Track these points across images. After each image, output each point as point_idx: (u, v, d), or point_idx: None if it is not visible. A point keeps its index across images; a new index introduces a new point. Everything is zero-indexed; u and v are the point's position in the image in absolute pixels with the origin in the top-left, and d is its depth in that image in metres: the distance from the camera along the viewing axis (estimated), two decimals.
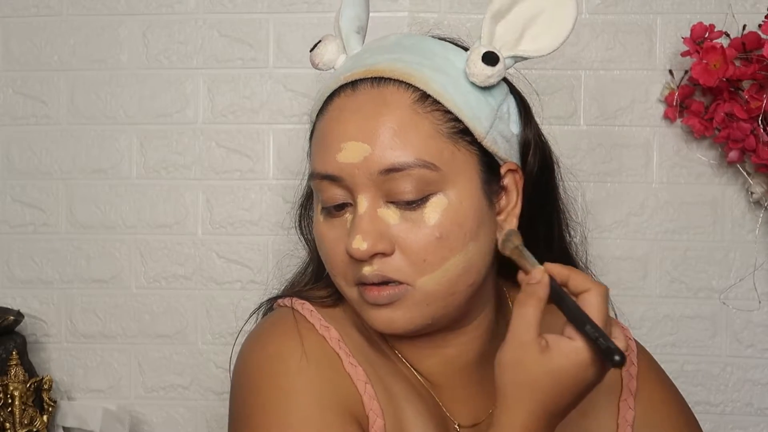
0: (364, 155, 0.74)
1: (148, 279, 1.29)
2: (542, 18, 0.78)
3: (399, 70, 0.76)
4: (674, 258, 1.26)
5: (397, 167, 0.73)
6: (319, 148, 0.78)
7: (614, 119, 1.25)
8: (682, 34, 1.19)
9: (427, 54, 0.79)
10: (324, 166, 0.76)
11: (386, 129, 0.74)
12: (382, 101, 0.75)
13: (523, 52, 0.78)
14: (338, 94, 0.78)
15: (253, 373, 0.78)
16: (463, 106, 0.76)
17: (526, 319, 0.67)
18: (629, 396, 0.85)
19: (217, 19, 1.27)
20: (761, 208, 1.23)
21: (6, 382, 1.17)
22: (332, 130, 0.77)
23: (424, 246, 0.74)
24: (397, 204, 0.74)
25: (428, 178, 0.74)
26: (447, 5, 1.26)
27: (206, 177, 1.28)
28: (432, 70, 0.77)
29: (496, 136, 0.78)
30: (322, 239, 0.79)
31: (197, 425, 1.29)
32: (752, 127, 1.14)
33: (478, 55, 0.77)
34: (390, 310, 0.76)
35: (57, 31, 1.28)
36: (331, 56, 0.83)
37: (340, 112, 0.77)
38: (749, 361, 1.26)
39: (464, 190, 0.76)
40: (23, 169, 1.29)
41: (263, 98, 1.27)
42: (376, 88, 0.76)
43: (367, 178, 0.74)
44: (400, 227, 0.74)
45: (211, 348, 1.28)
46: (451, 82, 0.76)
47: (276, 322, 0.83)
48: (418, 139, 0.74)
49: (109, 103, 1.28)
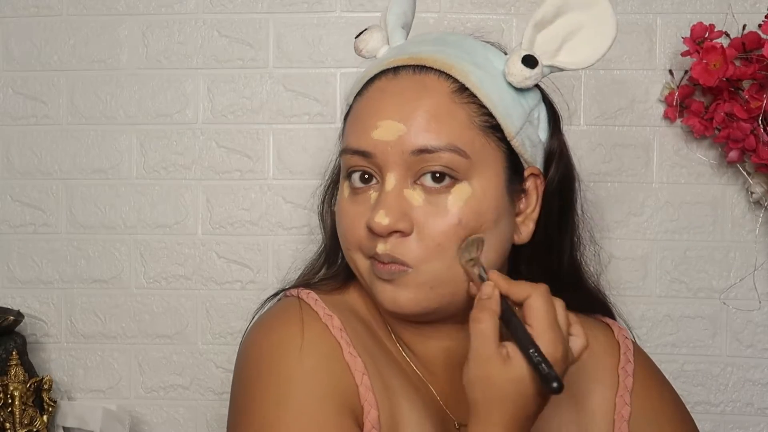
0: (399, 134, 0.76)
1: (148, 279, 1.29)
2: (582, 33, 0.80)
3: (441, 60, 0.79)
4: (674, 258, 1.26)
5: (429, 149, 0.76)
6: (355, 124, 0.81)
7: (614, 119, 1.25)
8: (682, 34, 1.19)
9: (468, 50, 0.82)
10: (358, 142, 0.79)
11: (423, 112, 0.77)
12: (423, 87, 0.78)
13: (560, 63, 0.81)
14: (379, 78, 0.81)
15: (255, 359, 0.79)
16: (498, 103, 0.79)
17: (485, 335, 0.68)
18: (625, 392, 0.86)
19: (217, 19, 1.27)
20: (761, 208, 1.23)
21: (6, 382, 1.17)
22: (370, 109, 0.79)
23: (443, 231, 0.76)
24: (422, 186, 0.77)
25: (457, 164, 0.76)
26: (447, 5, 1.26)
27: (206, 177, 1.28)
28: (472, 65, 0.79)
29: (524, 138, 0.81)
30: (344, 214, 0.81)
31: (197, 425, 1.29)
32: (752, 127, 1.14)
33: (519, 56, 0.80)
34: (394, 288, 0.78)
35: (57, 31, 1.28)
36: (375, 44, 0.86)
37: (380, 93, 0.80)
38: (749, 361, 1.26)
39: (489, 182, 0.78)
40: (23, 169, 1.29)
41: (263, 98, 1.28)
42: (418, 74, 0.79)
43: (398, 156, 0.76)
44: (423, 209, 0.76)
45: (211, 348, 1.28)
46: (488, 78, 0.79)
47: (280, 311, 0.84)
48: (452, 126, 0.77)
49: (109, 103, 1.28)
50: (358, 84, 0.83)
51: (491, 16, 1.25)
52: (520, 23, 1.25)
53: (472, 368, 0.69)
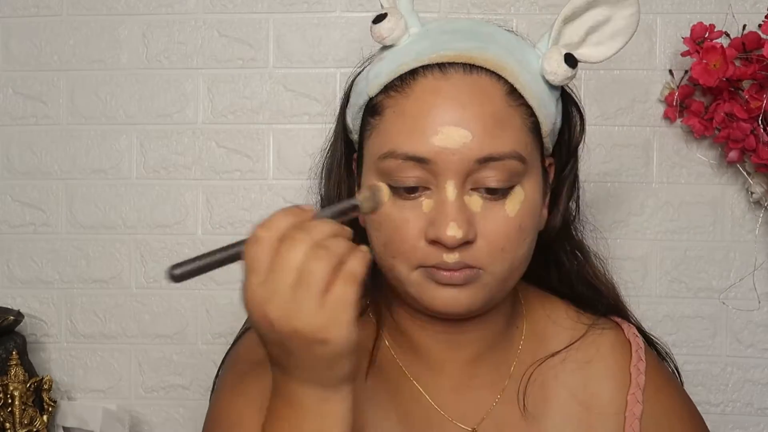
0: (464, 141, 0.74)
1: (148, 279, 1.29)
2: (607, 26, 0.81)
3: (491, 60, 0.77)
4: (674, 258, 1.26)
5: (495, 156, 0.75)
6: (406, 127, 0.76)
7: (614, 119, 1.25)
8: (682, 34, 1.19)
9: (508, 46, 0.80)
10: (414, 147, 0.75)
11: (485, 118, 0.75)
12: (479, 89, 0.76)
13: (580, 56, 0.81)
14: (423, 74, 0.77)
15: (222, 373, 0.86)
16: (540, 103, 0.79)
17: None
18: (638, 390, 0.86)
19: (217, 19, 1.27)
20: (761, 208, 1.23)
21: (6, 382, 1.17)
22: (425, 112, 0.75)
23: (506, 236, 0.76)
24: (479, 192, 0.76)
25: (516, 170, 0.76)
26: (447, 5, 1.26)
27: (206, 177, 1.28)
28: (518, 65, 0.78)
29: (552, 133, 0.82)
30: (387, 219, 0.77)
31: (197, 425, 1.28)
32: (752, 127, 1.14)
33: (561, 55, 0.79)
34: (458, 291, 0.77)
35: (57, 31, 1.28)
36: (399, 32, 0.81)
37: (432, 95, 0.76)
38: (749, 361, 1.26)
39: (535, 183, 0.79)
40: (23, 169, 1.29)
41: (263, 98, 1.27)
42: (469, 75, 0.77)
43: (461, 164, 0.74)
44: (484, 216, 0.75)
45: (211, 348, 1.28)
46: (531, 77, 0.79)
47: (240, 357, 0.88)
48: (512, 131, 0.76)
49: (109, 103, 1.28)
50: (389, 75, 0.78)
51: (491, 16, 1.25)
52: (520, 23, 1.25)
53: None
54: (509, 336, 0.87)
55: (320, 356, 0.61)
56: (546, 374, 0.86)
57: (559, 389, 0.86)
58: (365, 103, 0.81)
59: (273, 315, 0.60)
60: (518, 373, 0.86)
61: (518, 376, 0.86)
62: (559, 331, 0.89)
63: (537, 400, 0.85)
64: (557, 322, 0.90)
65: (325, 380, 0.63)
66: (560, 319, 0.90)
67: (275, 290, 0.61)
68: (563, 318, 0.90)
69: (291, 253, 0.61)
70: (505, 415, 0.85)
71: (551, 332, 0.89)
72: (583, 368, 0.87)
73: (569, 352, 0.88)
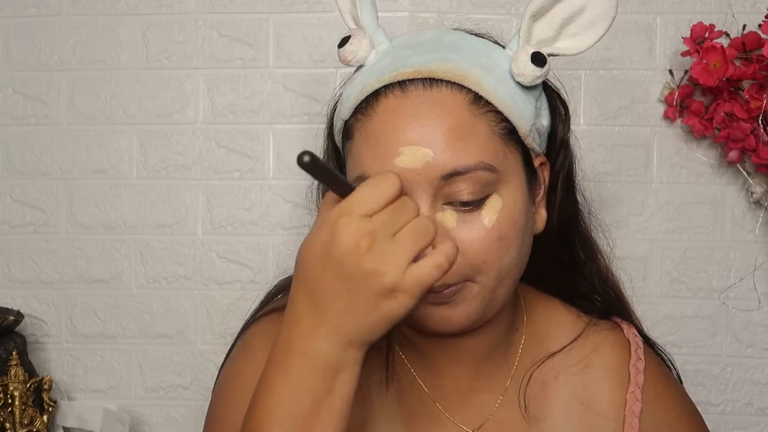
0: (426, 160, 0.73)
1: (148, 279, 1.29)
2: (582, 16, 0.78)
3: (451, 71, 0.75)
4: (674, 258, 1.26)
5: (460, 171, 0.73)
6: (370, 151, 0.76)
7: (614, 119, 1.25)
8: (682, 34, 1.19)
9: (471, 52, 0.78)
10: (378, 170, 0.73)
11: (446, 132, 0.73)
12: (438, 103, 0.75)
13: (558, 50, 0.79)
14: (384, 95, 0.76)
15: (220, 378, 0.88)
16: (512, 107, 0.77)
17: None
18: (637, 389, 0.86)
19: (217, 19, 1.27)
20: (761, 208, 1.23)
21: (6, 382, 1.17)
22: (387, 133, 0.75)
23: (485, 248, 0.74)
24: (453, 206, 0.74)
25: (487, 180, 0.74)
26: (447, 5, 1.26)
27: (206, 177, 1.28)
28: (482, 70, 0.76)
29: (534, 133, 0.79)
30: None
31: (197, 425, 1.29)
32: (752, 127, 1.14)
33: (527, 54, 0.77)
34: (449, 309, 0.76)
35: (57, 31, 1.28)
36: (364, 53, 0.80)
37: (393, 115, 0.75)
38: (749, 361, 1.26)
39: (516, 189, 0.77)
40: (23, 169, 1.29)
41: (263, 98, 1.27)
42: (429, 90, 0.75)
43: (427, 183, 0.73)
44: (460, 229, 0.74)
45: (211, 348, 1.28)
46: (499, 82, 0.77)
47: (257, 335, 0.87)
48: (477, 142, 0.74)
49: (109, 103, 1.28)
50: (356, 98, 0.78)
51: (491, 16, 1.25)
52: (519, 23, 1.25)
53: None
54: (510, 338, 0.87)
55: (383, 310, 0.61)
56: (546, 375, 0.87)
57: (560, 389, 0.86)
58: (341, 126, 0.81)
59: (366, 245, 0.60)
60: (519, 374, 0.86)
61: (519, 377, 0.86)
62: (559, 332, 0.89)
63: (538, 401, 0.86)
64: (557, 322, 0.90)
65: (359, 335, 0.63)
66: (560, 320, 0.90)
67: (380, 227, 0.60)
68: (563, 319, 0.90)
69: (411, 205, 0.62)
70: (506, 417, 0.85)
71: (551, 333, 0.89)
72: (583, 368, 0.87)
73: (569, 352, 0.88)
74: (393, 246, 0.60)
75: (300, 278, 0.64)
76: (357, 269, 0.60)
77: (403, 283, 0.60)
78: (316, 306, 0.63)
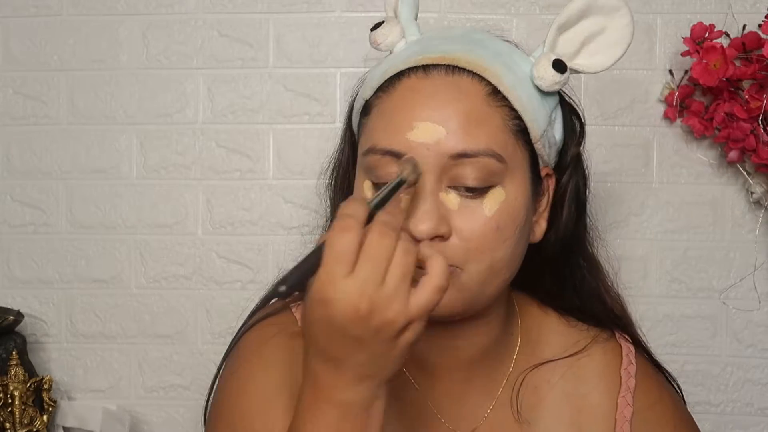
0: (438, 137, 0.74)
1: (148, 279, 1.29)
2: (602, 37, 0.81)
3: (474, 61, 0.78)
4: (674, 258, 1.26)
5: (469, 153, 0.74)
6: (384, 124, 0.78)
7: (614, 119, 1.25)
8: (682, 34, 1.19)
9: (497, 51, 0.81)
10: (390, 142, 0.76)
11: (461, 116, 0.75)
12: (457, 88, 0.77)
13: (578, 66, 0.82)
14: (407, 75, 0.78)
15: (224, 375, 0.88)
16: (527, 106, 0.78)
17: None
18: (628, 393, 0.86)
19: (217, 19, 1.27)
20: (761, 208, 1.23)
21: (6, 382, 1.18)
22: (403, 109, 0.77)
23: (483, 235, 0.75)
24: (457, 190, 0.75)
25: (494, 169, 0.75)
26: (447, 5, 1.26)
27: (206, 177, 1.28)
28: (503, 67, 0.79)
29: (545, 140, 0.81)
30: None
31: (197, 425, 1.29)
32: (752, 127, 1.14)
33: (549, 60, 0.79)
34: None
35: (57, 31, 1.28)
36: (394, 39, 0.83)
37: (412, 93, 0.77)
38: (749, 361, 1.26)
39: (519, 186, 0.78)
40: (23, 169, 1.29)
41: (263, 98, 1.27)
42: (451, 75, 0.77)
43: (436, 160, 0.74)
44: (460, 214, 0.75)
45: (211, 348, 1.28)
46: (518, 81, 0.79)
47: (262, 329, 0.87)
48: (489, 130, 0.76)
49: (109, 103, 1.28)
50: (380, 78, 0.80)
51: (491, 16, 1.25)
52: (520, 23, 1.25)
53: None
54: (504, 343, 0.87)
55: (400, 345, 0.63)
56: (539, 379, 0.87)
57: (552, 393, 0.87)
58: (362, 106, 0.83)
59: (366, 306, 0.60)
60: (512, 379, 0.87)
61: (512, 381, 0.87)
62: (552, 337, 0.89)
63: (530, 405, 0.86)
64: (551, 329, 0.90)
65: (384, 373, 0.64)
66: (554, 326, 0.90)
67: (368, 280, 0.60)
68: (556, 325, 0.91)
69: (384, 240, 0.61)
70: (499, 421, 0.85)
71: (545, 338, 0.89)
72: (575, 372, 0.88)
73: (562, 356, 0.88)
74: (388, 293, 0.61)
75: (311, 348, 0.65)
76: (366, 331, 0.61)
77: (411, 317, 0.62)
78: (335, 365, 0.64)
